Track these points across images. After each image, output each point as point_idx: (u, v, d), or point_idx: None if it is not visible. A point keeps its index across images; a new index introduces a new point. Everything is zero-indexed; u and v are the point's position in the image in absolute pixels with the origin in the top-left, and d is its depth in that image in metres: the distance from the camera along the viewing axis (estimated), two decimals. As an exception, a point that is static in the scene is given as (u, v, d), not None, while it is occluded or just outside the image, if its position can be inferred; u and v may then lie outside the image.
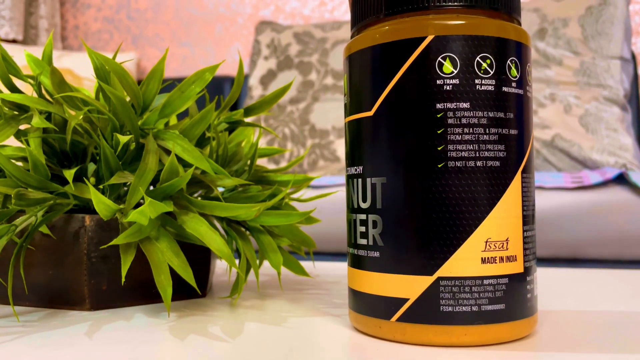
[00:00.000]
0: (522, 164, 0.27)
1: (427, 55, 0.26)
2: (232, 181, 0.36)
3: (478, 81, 0.26)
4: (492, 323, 0.26)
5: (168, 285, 0.32)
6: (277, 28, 1.71)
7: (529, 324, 0.27)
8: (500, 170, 0.26)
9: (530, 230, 0.28)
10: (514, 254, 0.26)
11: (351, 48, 0.29)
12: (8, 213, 0.32)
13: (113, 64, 0.34)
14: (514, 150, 0.27)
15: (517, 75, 0.27)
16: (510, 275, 0.26)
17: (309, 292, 0.41)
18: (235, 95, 0.39)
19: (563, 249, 0.98)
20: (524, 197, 0.27)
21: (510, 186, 0.27)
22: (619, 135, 1.28)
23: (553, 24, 1.40)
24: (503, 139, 0.27)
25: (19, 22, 1.98)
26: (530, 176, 0.28)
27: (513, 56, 0.27)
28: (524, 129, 0.28)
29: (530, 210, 0.28)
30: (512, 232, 0.27)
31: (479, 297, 0.26)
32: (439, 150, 0.26)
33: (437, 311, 0.26)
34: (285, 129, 1.53)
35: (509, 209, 0.26)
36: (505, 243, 0.26)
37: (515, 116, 0.27)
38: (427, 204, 0.26)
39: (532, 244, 0.28)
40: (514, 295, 0.26)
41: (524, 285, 0.27)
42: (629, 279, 0.47)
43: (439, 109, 0.26)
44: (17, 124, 0.35)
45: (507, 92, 0.27)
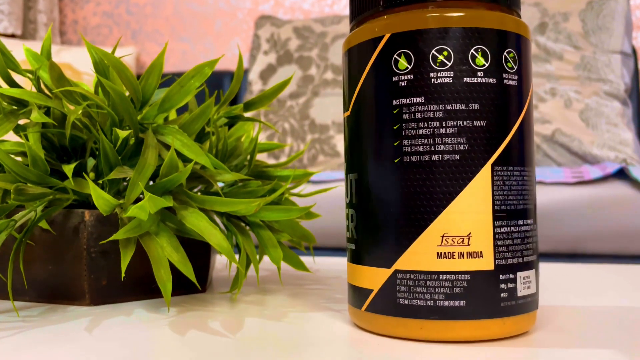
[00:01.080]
0: (493, 157, 0.26)
1: (384, 53, 0.27)
2: (232, 176, 0.36)
3: (433, 74, 0.26)
4: (450, 319, 0.25)
5: (168, 280, 0.32)
6: (276, 22, 1.71)
7: (502, 324, 0.26)
8: (460, 164, 0.26)
9: (511, 227, 0.26)
10: (479, 250, 0.25)
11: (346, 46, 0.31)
12: (7, 208, 0.32)
13: (112, 58, 0.34)
14: (480, 142, 0.26)
15: (485, 64, 0.26)
16: (474, 272, 0.25)
17: (309, 287, 0.41)
18: (234, 90, 0.39)
19: (563, 244, 0.98)
20: (497, 191, 0.26)
21: (473, 180, 0.26)
22: (619, 130, 1.28)
23: (554, 18, 1.40)
24: (464, 131, 0.26)
25: (17, 16, 1.98)
26: (513, 169, 0.26)
27: (479, 44, 0.26)
28: (497, 119, 0.26)
29: (511, 206, 0.26)
30: (476, 227, 0.26)
31: (434, 292, 0.26)
32: (395, 146, 0.27)
33: (395, 303, 0.26)
34: (285, 124, 1.53)
35: (472, 204, 0.26)
36: (466, 238, 0.26)
37: (482, 107, 0.26)
38: (386, 198, 0.27)
39: (512, 241, 0.26)
40: (477, 293, 0.25)
41: (493, 283, 0.25)
42: (629, 273, 0.47)
43: (395, 106, 0.27)
44: (16, 119, 0.35)
45: (471, 83, 0.26)
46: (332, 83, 1.53)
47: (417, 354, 0.24)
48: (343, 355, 0.24)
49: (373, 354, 0.24)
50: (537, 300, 0.28)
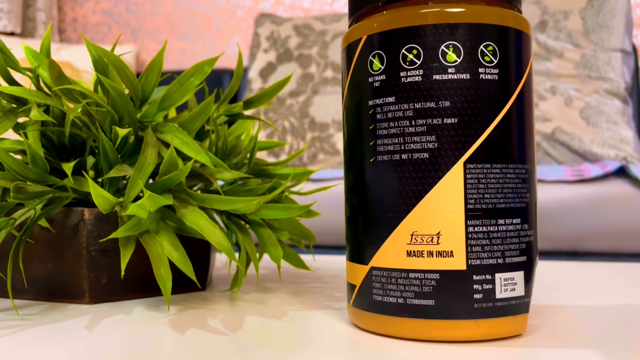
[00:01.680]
0: (465, 154, 0.25)
1: (362, 55, 0.28)
2: (232, 174, 0.36)
3: (403, 74, 0.26)
4: (420, 318, 0.25)
5: (168, 278, 0.32)
6: (276, 20, 1.70)
7: (477, 326, 0.25)
8: (430, 163, 0.26)
9: (487, 226, 0.25)
10: (449, 250, 0.25)
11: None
12: (7, 206, 0.32)
13: (112, 56, 0.34)
14: (452, 140, 0.25)
15: (457, 60, 0.26)
16: (443, 272, 0.25)
17: (309, 285, 0.41)
18: (234, 88, 0.39)
19: (563, 242, 0.98)
20: (470, 189, 0.25)
21: (444, 178, 0.25)
22: (619, 128, 1.28)
23: (554, 16, 1.40)
24: (434, 129, 0.26)
25: (16, 14, 1.97)
26: (492, 167, 0.26)
27: (450, 40, 0.26)
28: (471, 115, 0.25)
29: (488, 204, 0.25)
30: (447, 226, 0.25)
31: (404, 290, 0.26)
32: (371, 146, 0.27)
33: (371, 300, 0.27)
34: (285, 122, 1.53)
35: (442, 203, 0.25)
36: (435, 237, 0.25)
37: (454, 104, 0.25)
38: (365, 197, 0.27)
39: (490, 241, 0.25)
40: (448, 293, 0.25)
41: (465, 283, 0.25)
42: (630, 272, 0.47)
43: (370, 106, 0.27)
44: (15, 117, 0.35)
45: (441, 80, 0.26)
46: (332, 81, 1.53)
47: (416, 354, 0.24)
48: (342, 353, 0.24)
49: (372, 352, 0.24)
50: (527, 304, 0.26)
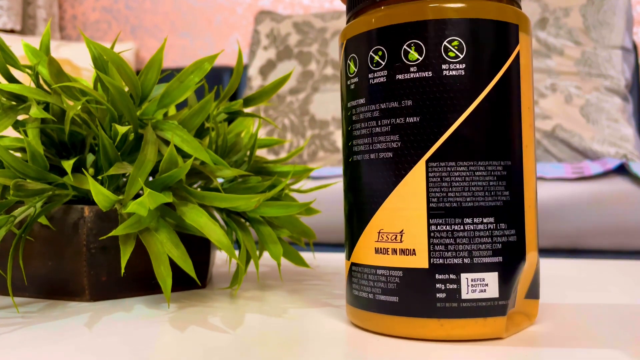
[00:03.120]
0: (428, 153, 0.25)
1: (344, 59, 0.29)
2: (232, 172, 0.36)
3: (371, 75, 0.27)
4: (386, 314, 0.26)
5: (168, 276, 0.31)
6: (276, 18, 1.70)
7: (440, 326, 0.25)
8: (394, 161, 0.26)
9: (452, 225, 0.25)
10: (411, 248, 0.25)
11: None
12: (7, 204, 0.32)
13: (111, 53, 0.34)
14: (414, 139, 0.25)
15: (418, 58, 0.25)
16: (406, 269, 0.25)
17: (309, 283, 0.41)
18: (234, 86, 0.39)
19: (563, 240, 0.98)
20: (433, 188, 0.25)
21: (406, 177, 0.25)
22: (619, 126, 1.28)
23: (554, 13, 1.40)
24: (397, 128, 0.26)
25: (16, 12, 1.97)
26: (457, 165, 0.25)
27: (411, 39, 0.26)
28: (433, 113, 0.25)
29: (453, 203, 0.25)
30: (409, 224, 0.25)
31: (373, 286, 0.27)
32: (349, 146, 0.28)
33: (351, 294, 0.28)
34: (285, 120, 1.53)
35: (405, 201, 0.25)
36: (398, 235, 0.26)
37: (415, 102, 0.25)
38: (346, 195, 0.29)
39: (455, 240, 0.25)
40: (411, 291, 0.25)
41: (428, 282, 0.25)
42: (630, 269, 0.47)
43: (349, 108, 0.28)
44: (15, 115, 0.35)
45: (403, 80, 0.26)
46: (332, 78, 1.53)
47: (414, 354, 0.24)
48: (342, 351, 0.24)
49: (371, 351, 0.24)
50: (503, 307, 0.25)
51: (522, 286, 0.27)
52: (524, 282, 0.27)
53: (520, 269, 0.26)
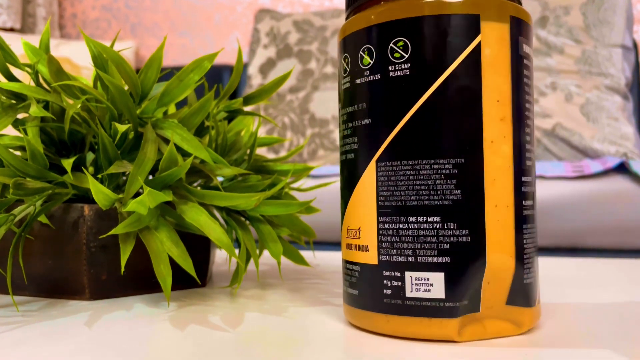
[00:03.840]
0: (377, 153, 0.26)
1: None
2: (232, 170, 0.36)
3: (342, 81, 0.28)
4: (351, 306, 0.28)
5: (168, 275, 0.31)
6: (276, 16, 1.70)
7: (386, 321, 0.26)
8: (354, 162, 0.27)
9: (397, 223, 0.25)
10: (366, 244, 0.26)
11: None
12: (6, 202, 0.32)
13: (111, 52, 0.34)
14: (367, 140, 0.26)
15: (370, 62, 0.26)
16: (362, 265, 0.27)
17: (309, 281, 0.41)
18: (234, 84, 0.39)
19: (563, 239, 0.98)
20: (381, 187, 0.26)
21: (362, 177, 0.27)
22: (620, 124, 1.28)
23: (555, 12, 1.40)
24: (356, 131, 0.27)
25: (16, 10, 1.97)
26: (401, 164, 0.25)
27: (364, 44, 0.26)
28: (382, 114, 0.26)
29: (398, 201, 0.25)
30: (364, 222, 0.26)
31: (345, 279, 0.28)
32: (340, 147, 0.29)
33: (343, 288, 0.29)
34: (285, 118, 1.53)
35: (361, 199, 0.27)
36: (357, 232, 0.27)
37: (368, 105, 0.26)
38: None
39: (399, 238, 0.25)
40: (366, 285, 0.26)
41: (377, 278, 0.26)
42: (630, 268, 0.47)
43: (341, 113, 0.29)
44: (14, 113, 0.35)
45: (359, 84, 0.27)
46: (332, 77, 1.53)
47: (411, 353, 0.24)
48: (341, 350, 0.24)
49: (369, 351, 0.24)
50: (453, 309, 0.25)
51: (496, 291, 0.25)
52: (497, 287, 0.25)
53: (476, 271, 0.25)
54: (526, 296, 0.26)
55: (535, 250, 0.27)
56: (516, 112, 0.26)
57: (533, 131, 0.27)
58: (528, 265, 0.26)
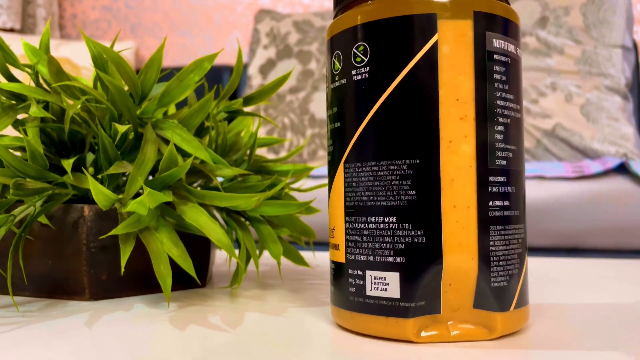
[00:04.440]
0: (344, 155, 0.27)
1: None
2: (232, 171, 0.36)
3: (329, 85, 0.29)
4: (331, 303, 0.28)
5: (168, 275, 0.31)
6: (276, 17, 1.70)
7: (351, 318, 0.26)
8: (331, 164, 0.28)
9: (359, 223, 0.26)
10: (338, 243, 0.27)
11: None
12: (6, 203, 0.32)
13: (111, 52, 0.34)
14: (338, 142, 0.27)
15: (339, 67, 0.27)
16: (336, 263, 0.28)
17: (309, 282, 0.41)
18: (234, 85, 0.39)
19: (563, 239, 0.98)
20: (347, 188, 0.26)
21: (335, 178, 0.28)
22: (620, 125, 1.28)
23: (554, 12, 1.40)
24: (332, 133, 0.28)
25: (16, 10, 1.97)
26: (362, 165, 0.26)
27: (335, 51, 0.28)
28: (347, 118, 0.26)
29: (359, 202, 0.26)
30: (336, 222, 0.27)
31: (330, 277, 0.29)
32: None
33: None
34: (285, 119, 1.53)
35: (334, 200, 0.28)
36: (333, 231, 0.28)
37: (338, 109, 0.27)
38: None
39: (361, 238, 0.26)
40: (337, 283, 0.27)
41: (345, 276, 0.27)
42: (630, 269, 0.47)
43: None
44: (14, 114, 0.35)
45: (333, 88, 0.28)
46: (332, 77, 1.53)
47: (409, 354, 0.24)
48: (341, 350, 0.24)
49: (368, 350, 0.24)
50: (407, 309, 0.24)
51: (460, 294, 0.25)
52: (461, 289, 0.25)
53: (432, 272, 0.24)
54: (496, 300, 0.25)
55: (513, 253, 0.25)
56: (481, 110, 0.25)
57: (516, 129, 0.26)
58: (497, 268, 0.25)
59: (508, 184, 0.25)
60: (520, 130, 0.27)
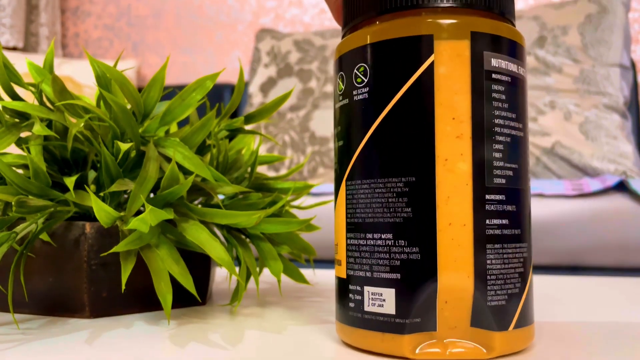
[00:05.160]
0: (346, 172, 0.28)
1: None
2: (233, 188, 0.36)
3: (335, 104, 0.30)
4: (336, 319, 0.29)
5: (168, 292, 0.32)
6: (277, 35, 1.72)
7: (351, 333, 0.27)
8: (336, 181, 0.29)
9: (358, 239, 0.26)
10: (340, 259, 0.28)
11: None
12: (9, 220, 0.32)
13: (114, 72, 0.34)
14: (342, 160, 0.28)
15: (342, 88, 0.28)
16: (339, 279, 0.28)
17: (309, 299, 0.41)
18: (235, 103, 0.39)
19: (563, 257, 0.98)
20: (348, 205, 0.27)
21: (339, 195, 0.28)
22: (619, 143, 1.29)
23: (552, 31, 1.41)
24: (337, 151, 0.29)
25: (19, 29, 1.99)
26: (361, 183, 0.26)
27: (340, 72, 0.28)
28: (350, 137, 0.27)
29: (359, 219, 0.26)
30: (339, 238, 0.28)
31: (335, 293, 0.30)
32: None
33: None
34: (285, 136, 1.53)
35: (338, 217, 0.28)
36: (337, 247, 0.29)
37: (342, 128, 0.28)
38: None
39: (360, 254, 0.26)
40: (339, 298, 0.28)
41: (346, 291, 0.27)
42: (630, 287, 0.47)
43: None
44: (18, 132, 0.36)
45: (337, 108, 0.29)
46: (332, 96, 1.54)
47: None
48: (343, 368, 0.24)
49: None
50: (403, 325, 0.25)
51: (457, 312, 0.25)
52: (458, 307, 0.25)
53: (427, 289, 0.25)
54: (493, 319, 0.25)
55: (512, 272, 0.25)
56: (478, 129, 0.25)
57: (517, 148, 0.26)
58: (495, 287, 0.25)
59: (508, 202, 0.25)
60: (523, 149, 0.26)
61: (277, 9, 1.95)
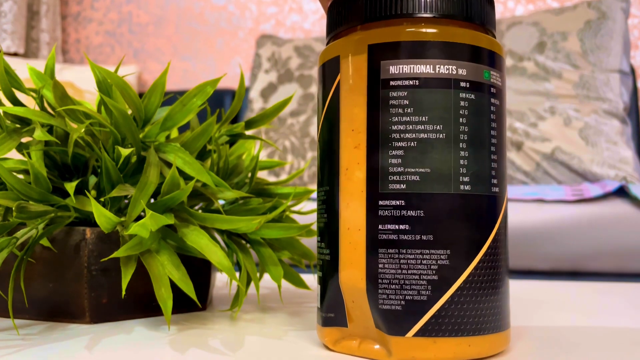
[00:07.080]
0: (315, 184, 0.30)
1: None
2: (233, 194, 0.36)
3: None
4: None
5: (168, 298, 0.32)
6: (277, 42, 1.72)
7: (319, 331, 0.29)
8: None
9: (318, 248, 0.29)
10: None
11: None
12: (9, 226, 0.32)
13: (115, 77, 0.34)
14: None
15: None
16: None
17: (309, 305, 0.41)
18: (236, 109, 0.40)
19: (563, 262, 0.98)
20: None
21: None
22: (618, 148, 1.29)
23: (552, 37, 1.41)
24: None
25: (20, 35, 1.99)
26: (320, 189, 0.29)
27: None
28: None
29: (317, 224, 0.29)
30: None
31: None
32: None
33: None
34: (286, 142, 1.53)
35: None
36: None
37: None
38: None
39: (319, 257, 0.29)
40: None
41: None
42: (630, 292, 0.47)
43: None
44: (19, 137, 0.36)
45: None
46: (332, 101, 1.54)
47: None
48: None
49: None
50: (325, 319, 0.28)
51: (361, 312, 0.26)
52: (361, 307, 0.26)
53: (334, 288, 0.27)
54: (386, 323, 0.25)
55: (414, 278, 0.25)
56: (372, 138, 0.26)
57: (425, 152, 0.25)
58: (387, 291, 0.25)
59: (409, 207, 0.25)
60: (431, 151, 0.25)
61: (277, 15, 1.95)
